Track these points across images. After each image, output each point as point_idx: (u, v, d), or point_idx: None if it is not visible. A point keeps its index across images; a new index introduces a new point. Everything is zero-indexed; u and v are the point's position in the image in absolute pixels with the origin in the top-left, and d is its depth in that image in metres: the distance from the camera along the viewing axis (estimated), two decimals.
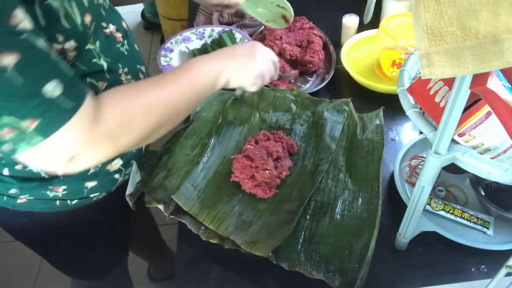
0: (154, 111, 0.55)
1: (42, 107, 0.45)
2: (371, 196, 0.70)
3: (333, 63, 1.01)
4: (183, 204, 0.67)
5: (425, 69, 0.37)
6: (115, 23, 0.68)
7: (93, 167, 0.69)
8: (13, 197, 0.68)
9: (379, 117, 0.82)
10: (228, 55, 0.67)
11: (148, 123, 0.55)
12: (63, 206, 0.72)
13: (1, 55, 0.41)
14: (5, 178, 0.65)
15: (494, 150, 0.49)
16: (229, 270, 0.65)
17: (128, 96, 0.54)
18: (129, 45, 0.71)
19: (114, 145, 0.52)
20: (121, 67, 0.67)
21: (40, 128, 0.45)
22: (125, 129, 0.53)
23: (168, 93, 0.57)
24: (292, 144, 0.79)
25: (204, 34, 1.09)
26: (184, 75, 0.60)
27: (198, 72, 0.62)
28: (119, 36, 0.68)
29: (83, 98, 0.48)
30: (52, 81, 0.45)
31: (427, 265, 0.63)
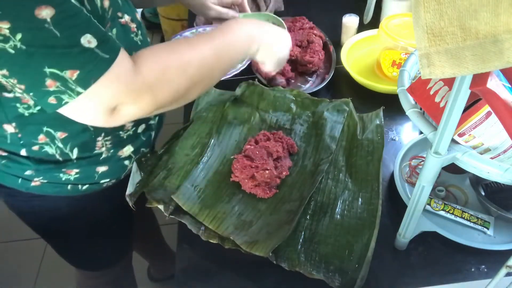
0: (189, 68, 0.58)
1: (79, 59, 0.48)
2: (371, 196, 0.70)
3: (333, 63, 1.01)
4: (183, 204, 0.67)
5: (425, 69, 0.37)
6: (130, 14, 0.70)
7: (106, 152, 0.72)
8: (27, 179, 0.70)
9: (379, 117, 0.82)
10: (265, 28, 0.71)
11: (184, 78, 0.58)
12: (74, 190, 0.74)
13: (39, 7, 0.45)
14: (22, 159, 0.67)
15: (494, 150, 0.49)
16: (229, 270, 0.65)
17: (165, 52, 0.57)
18: (142, 36, 0.74)
19: (153, 97, 0.55)
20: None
21: (80, 79, 0.49)
22: (162, 82, 0.56)
23: (203, 52, 0.60)
24: (292, 144, 0.79)
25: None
26: (219, 37, 0.63)
27: (233, 35, 0.65)
28: (133, 27, 0.70)
29: (117, 51, 0.52)
30: (86, 34, 0.49)
31: (427, 265, 0.63)
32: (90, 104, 0.51)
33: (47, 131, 0.64)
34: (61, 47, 0.47)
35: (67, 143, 0.67)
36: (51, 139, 0.65)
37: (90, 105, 0.52)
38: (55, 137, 0.65)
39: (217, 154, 0.77)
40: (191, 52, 0.59)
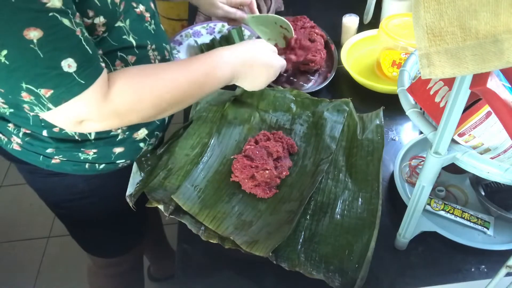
0: (162, 101, 0.61)
1: (55, 80, 0.51)
2: (371, 196, 0.70)
3: (335, 61, 1.01)
4: (183, 204, 0.67)
5: (425, 69, 0.37)
6: (144, 4, 0.72)
7: (121, 134, 0.75)
8: (48, 157, 0.73)
9: (379, 117, 0.82)
10: (248, 62, 0.71)
11: (155, 107, 0.61)
12: (92, 169, 0.77)
13: (28, 29, 0.47)
14: (45, 138, 0.71)
15: (494, 150, 0.49)
16: (229, 270, 0.65)
17: (140, 79, 0.60)
18: (156, 25, 0.76)
19: (119, 121, 0.60)
20: (149, 44, 0.73)
21: (52, 98, 0.53)
22: (132, 110, 0.59)
23: (178, 82, 0.63)
24: (292, 144, 0.79)
25: (215, 29, 1.10)
26: (197, 68, 0.65)
27: (211, 66, 0.67)
28: (147, 16, 0.73)
29: (95, 77, 0.54)
30: (68, 58, 0.51)
31: (427, 265, 0.63)
32: (58, 117, 0.56)
33: None
34: (41, 67, 0.50)
35: None
36: None
37: (58, 118, 0.57)
38: None
39: (217, 154, 0.77)
40: (166, 82, 0.62)
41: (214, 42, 1.05)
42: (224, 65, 0.68)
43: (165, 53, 0.79)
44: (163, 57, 0.78)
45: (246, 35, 1.07)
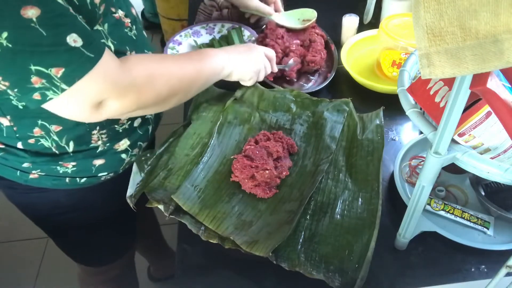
0: (173, 79, 0.64)
1: (65, 57, 0.50)
2: (371, 196, 0.70)
3: (335, 61, 1.01)
4: (183, 204, 0.67)
5: (425, 69, 0.37)
6: (124, 9, 0.70)
7: (102, 146, 0.72)
8: (25, 171, 0.71)
9: (379, 117, 0.82)
10: (232, 52, 0.78)
11: (167, 86, 0.63)
12: (73, 183, 0.74)
13: (25, 7, 0.46)
14: (19, 152, 0.68)
15: (494, 150, 0.49)
16: (229, 270, 0.65)
17: (152, 61, 0.62)
18: (138, 31, 0.75)
19: (137, 97, 0.59)
20: (128, 50, 0.71)
21: (65, 76, 0.50)
22: (148, 85, 0.60)
23: (185, 68, 0.67)
24: (292, 144, 0.79)
25: (214, 30, 1.10)
26: (197, 60, 0.70)
27: (207, 61, 0.71)
28: (127, 22, 0.71)
29: (102, 51, 0.53)
30: (72, 34, 0.50)
31: (427, 265, 0.63)
32: (73, 99, 0.53)
33: (42, 124, 0.64)
34: (47, 45, 0.48)
35: (62, 136, 0.67)
36: (46, 132, 0.66)
37: (74, 101, 0.54)
38: (50, 130, 0.65)
39: (217, 154, 0.77)
40: (175, 66, 0.65)
41: (214, 42, 1.05)
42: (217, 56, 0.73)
43: None
44: None
45: (246, 35, 1.07)
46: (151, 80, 0.60)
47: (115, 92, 0.55)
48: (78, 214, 0.82)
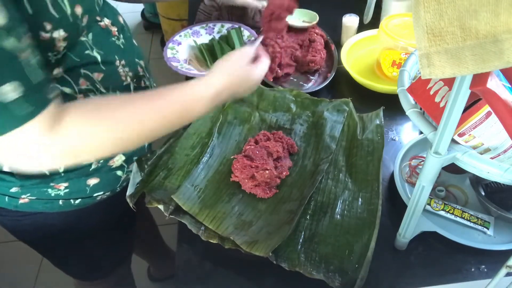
0: (120, 132, 0.52)
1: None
2: (371, 196, 0.70)
3: (335, 61, 1.01)
4: (183, 204, 0.67)
5: (425, 69, 0.37)
6: (110, 18, 0.67)
7: (95, 163, 0.69)
8: (15, 197, 0.67)
9: (379, 117, 0.82)
10: (224, 89, 0.63)
11: (111, 144, 0.52)
12: (67, 205, 0.71)
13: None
14: (6, 176, 0.64)
15: (494, 150, 0.49)
16: (229, 270, 0.65)
17: (94, 113, 0.50)
18: (126, 39, 0.71)
19: (71, 159, 0.51)
20: (117, 59, 0.67)
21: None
22: (84, 147, 0.50)
23: (143, 118, 0.54)
24: (292, 144, 0.79)
25: (214, 30, 1.10)
26: (169, 104, 0.57)
27: (185, 107, 0.58)
28: (114, 30, 0.68)
29: (44, 105, 0.46)
30: (12, 82, 0.43)
31: (427, 265, 0.63)
32: (3, 149, 0.47)
33: None
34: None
35: None
36: None
37: (4, 150, 0.47)
38: None
39: (217, 154, 0.77)
40: (126, 118, 0.52)
41: (213, 42, 1.05)
42: (199, 102, 0.59)
43: (139, 69, 0.74)
44: (136, 73, 0.72)
45: (245, 35, 1.07)
46: (88, 142, 0.50)
47: (45, 152, 0.48)
48: (73, 235, 0.79)
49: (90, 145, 0.50)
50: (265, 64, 0.70)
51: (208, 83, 0.61)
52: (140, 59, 0.75)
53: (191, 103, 0.59)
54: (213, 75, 0.63)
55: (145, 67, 0.77)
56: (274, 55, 0.97)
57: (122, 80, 0.68)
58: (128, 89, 0.71)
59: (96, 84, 0.64)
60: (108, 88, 0.66)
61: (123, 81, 0.69)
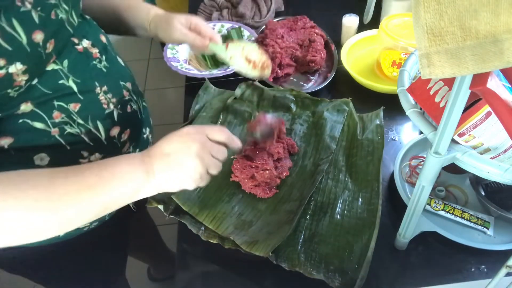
0: (27, 217, 0.44)
1: None
2: (371, 196, 0.70)
3: (335, 61, 1.01)
4: (183, 204, 0.67)
5: (425, 69, 0.37)
6: (90, 38, 0.62)
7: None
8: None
9: (379, 117, 0.82)
10: (156, 155, 0.52)
11: (14, 232, 0.44)
12: (53, 239, 0.62)
13: None
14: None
15: (494, 150, 0.49)
16: (229, 270, 0.65)
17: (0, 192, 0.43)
18: (109, 61, 0.65)
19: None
20: (98, 86, 0.62)
21: None
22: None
23: (59, 197, 0.45)
24: (292, 144, 0.79)
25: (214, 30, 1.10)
26: (92, 177, 0.47)
27: (113, 176, 0.49)
28: (95, 52, 0.62)
29: None
30: None
31: (427, 265, 0.63)
32: None
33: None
34: None
35: None
36: None
37: None
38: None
39: None
40: (39, 196, 0.44)
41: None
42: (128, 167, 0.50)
43: (124, 93, 0.67)
44: (120, 98, 0.66)
45: (245, 35, 1.07)
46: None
47: None
48: (62, 264, 0.75)
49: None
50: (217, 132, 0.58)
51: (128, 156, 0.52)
52: (126, 81, 0.70)
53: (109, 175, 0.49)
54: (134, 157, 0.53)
55: (132, 89, 0.72)
56: (275, 55, 0.97)
57: (104, 108, 0.63)
58: (111, 117, 0.64)
59: (72, 115, 0.58)
60: (86, 118, 0.60)
61: (104, 109, 0.63)
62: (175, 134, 0.54)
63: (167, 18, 0.76)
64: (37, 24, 0.49)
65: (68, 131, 0.58)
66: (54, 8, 0.53)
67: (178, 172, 0.52)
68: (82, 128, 0.60)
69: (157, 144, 0.53)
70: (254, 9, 1.18)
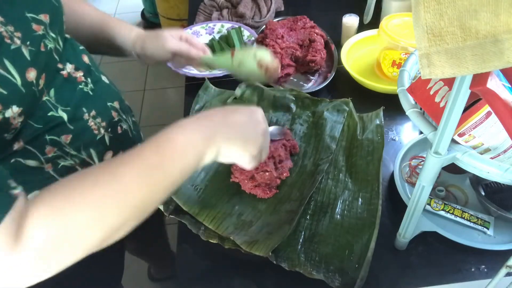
0: (101, 216, 0.41)
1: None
2: (371, 196, 0.70)
3: (335, 61, 1.01)
4: (183, 204, 0.67)
5: (425, 69, 0.37)
6: (73, 61, 0.59)
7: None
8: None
9: (379, 117, 0.82)
10: (219, 121, 0.51)
11: (92, 235, 0.42)
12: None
13: None
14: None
15: (494, 150, 0.49)
16: (229, 270, 0.65)
17: (64, 200, 0.40)
18: (94, 82, 0.63)
19: (46, 266, 0.41)
20: (86, 112, 0.59)
21: None
22: (57, 248, 0.40)
23: (124, 186, 0.42)
24: (294, 144, 0.79)
25: (214, 29, 1.10)
26: (150, 156, 0.45)
27: (173, 147, 0.46)
28: (79, 76, 0.60)
29: (7, 207, 0.38)
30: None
31: (427, 265, 0.63)
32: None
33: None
34: None
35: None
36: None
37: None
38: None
39: None
40: (105, 191, 0.41)
41: (213, 42, 1.05)
42: (190, 137, 0.47)
43: (113, 114, 0.65)
44: (109, 121, 0.64)
45: (245, 35, 1.07)
46: (61, 239, 0.40)
47: (12, 268, 0.39)
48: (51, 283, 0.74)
49: (64, 246, 0.40)
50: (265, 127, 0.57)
51: (193, 120, 0.50)
52: (114, 100, 0.67)
53: (169, 149, 0.46)
54: (204, 115, 0.52)
55: (120, 107, 0.69)
56: (275, 56, 0.97)
57: (95, 134, 0.61)
58: (102, 142, 0.62)
59: (65, 148, 0.56)
60: (79, 148, 0.58)
61: (96, 135, 0.61)
62: (238, 107, 0.54)
63: (156, 33, 0.74)
64: (29, 61, 0.47)
65: (62, 165, 0.57)
66: (42, 39, 0.50)
67: (243, 144, 0.51)
68: (75, 159, 0.59)
69: (216, 111, 0.52)
70: (254, 9, 1.18)
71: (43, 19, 0.52)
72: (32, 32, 0.49)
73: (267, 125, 0.57)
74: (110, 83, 0.69)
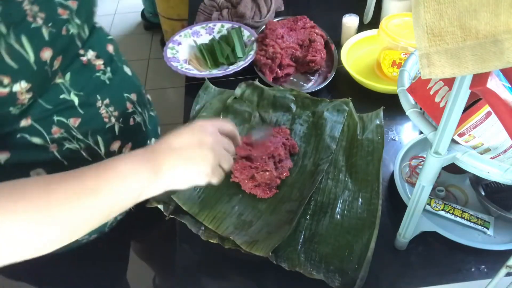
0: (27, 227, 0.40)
1: None
2: (371, 196, 0.70)
3: (335, 61, 1.01)
4: (183, 204, 0.67)
5: (425, 69, 0.37)
6: (96, 49, 0.60)
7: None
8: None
9: (379, 117, 0.82)
10: (164, 149, 0.49)
11: (17, 244, 0.40)
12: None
13: None
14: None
15: (494, 150, 0.49)
16: (229, 270, 0.65)
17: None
18: (114, 72, 0.63)
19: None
20: (100, 99, 0.60)
21: None
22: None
23: (54, 202, 0.41)
24: (293, 144, 0.79)
25: (214, 29, 1.10)
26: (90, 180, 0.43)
27: (113, 175, 0.45)
28: (99, 64, 0.60)
29: None
30: None
31: (427, 265, 0.63)
32: None
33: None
34: None
35: None
36: None
37: None
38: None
39: None
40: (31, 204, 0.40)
41: (213, 42, 1.05)
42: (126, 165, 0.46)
43: (127, 106, 0.65)
44: (122, 111, 0.64)
45: (246, 35, 1.07)
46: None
47: None
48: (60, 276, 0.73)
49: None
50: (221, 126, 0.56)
51: (124, 154, 0.49)
52: (131, 92, 0.67)
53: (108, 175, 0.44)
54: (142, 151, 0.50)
55: (137, 100, 0.69)
56: (275, 56, 0.97)
57: (105, 122, 0.61)
58: (111, 131, 0.63)
59: (72, 131, 0.57)
60: (86, 133, 0.59)
61: (105, 123, 0.61)
62: (185, 128, 0.52)
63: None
64: (46, 41, 0.48)
65: (67, 147, 0.57)
66: (65, 23, 0.52)
67: (191, 167, 0.50)
68: (81, 144, 0.59)
69: (163, 140, 0.50)
70: (254, 9, 1.18)
71: (70, 4, 0.53)
72: (57, 16, 0.50)
73: (219, 136, 0.54)
74: (132, 75, 0.69)
